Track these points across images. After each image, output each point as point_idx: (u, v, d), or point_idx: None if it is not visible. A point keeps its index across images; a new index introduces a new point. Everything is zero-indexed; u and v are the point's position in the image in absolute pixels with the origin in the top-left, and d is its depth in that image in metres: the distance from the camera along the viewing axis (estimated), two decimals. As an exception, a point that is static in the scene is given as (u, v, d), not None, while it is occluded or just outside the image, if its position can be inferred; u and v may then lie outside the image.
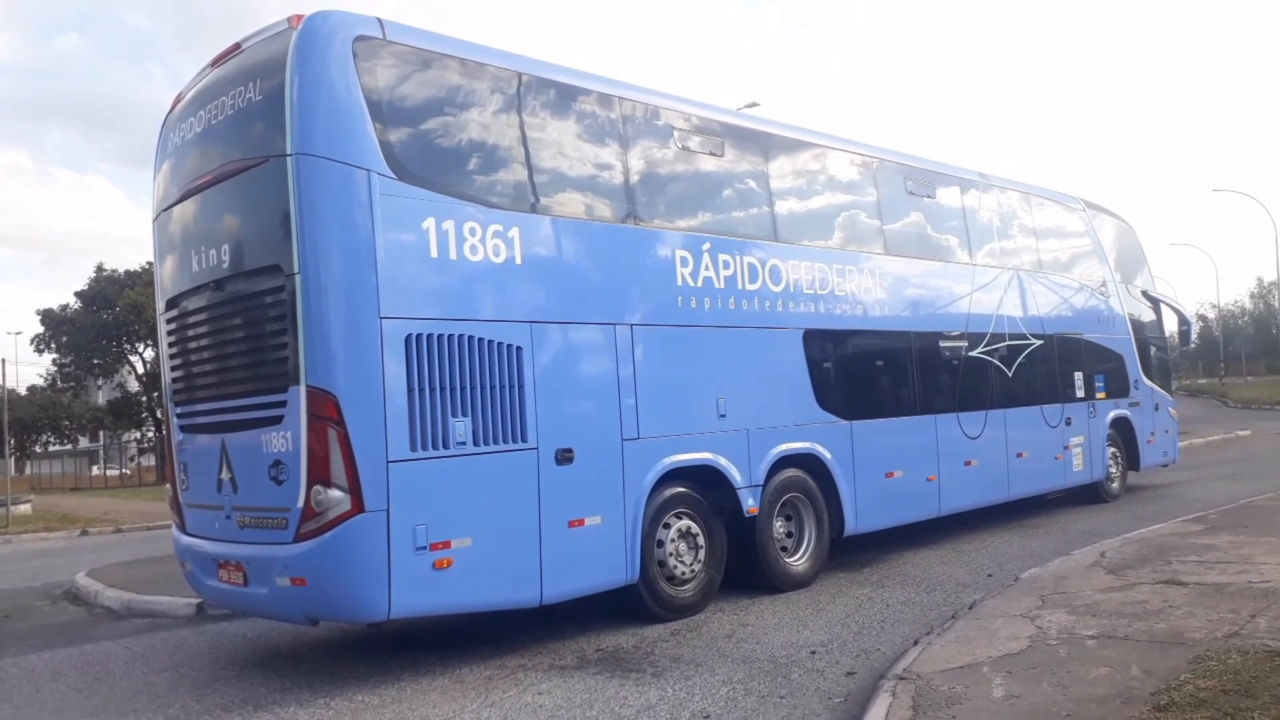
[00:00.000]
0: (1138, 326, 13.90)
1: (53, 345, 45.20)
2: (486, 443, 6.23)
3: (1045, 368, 11.78)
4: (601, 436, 6.90)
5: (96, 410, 51.28)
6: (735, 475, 7.73)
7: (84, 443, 59.92)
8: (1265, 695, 4.29)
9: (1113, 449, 13.11)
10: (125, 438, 54.80)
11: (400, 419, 5.82)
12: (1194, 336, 19.50)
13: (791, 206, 9.01)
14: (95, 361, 45.29)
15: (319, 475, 5.67)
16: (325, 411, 5.66)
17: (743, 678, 5.71)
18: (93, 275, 44.85)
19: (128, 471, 52.93)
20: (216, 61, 6.76)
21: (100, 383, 51.74)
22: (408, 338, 5.92)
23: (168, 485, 7.33)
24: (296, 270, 5.77)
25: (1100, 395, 12.73)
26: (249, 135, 6.26)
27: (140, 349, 44.40)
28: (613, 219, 7.39)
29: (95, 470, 56.65)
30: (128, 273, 44.32)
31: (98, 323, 43.51)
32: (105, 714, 5.79)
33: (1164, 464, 14.61)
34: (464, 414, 6.14)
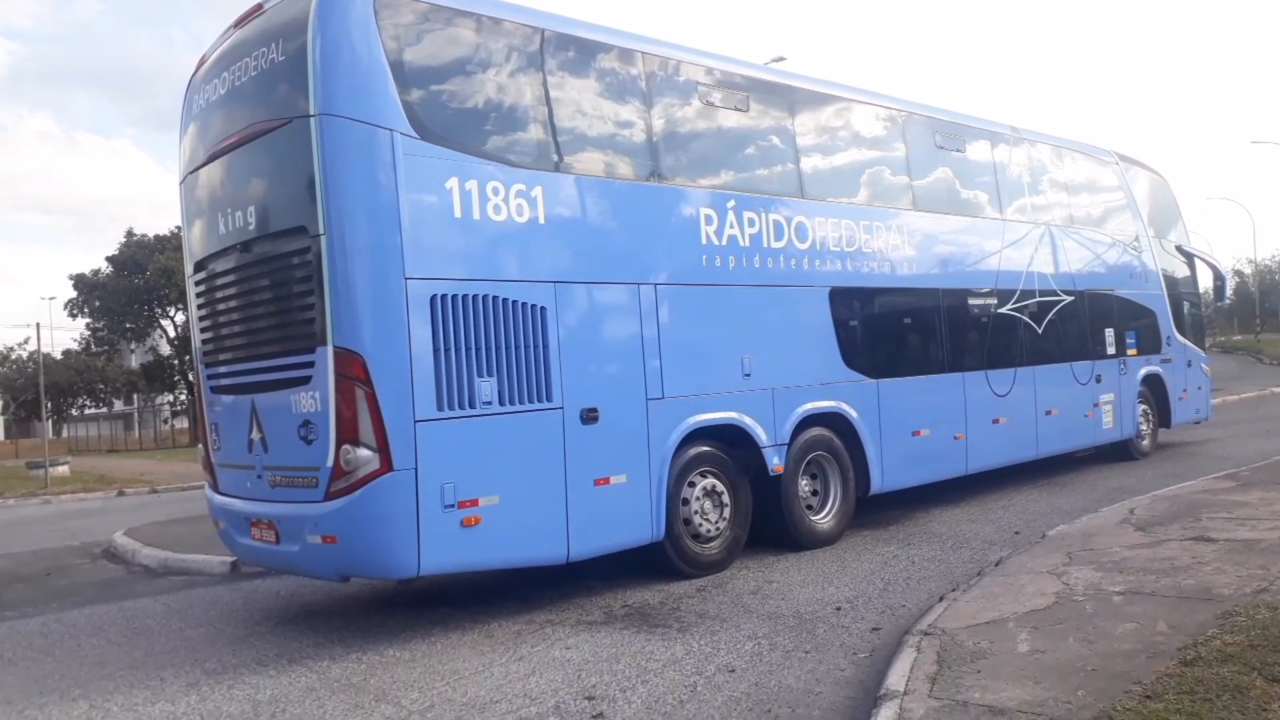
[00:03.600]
0: (1171, 282, 13.68)
1: (85, 310, 45.87)
2: (512, 402, 6.26)
3: (1076, 324, 11.65)
4: (626, 396, 6.91)
5: (130, 374, 52.06)
6: (760, 434, 7.74)
7: (119, 406, 60.93)
8: (1294, 650, 4.27)
9: (1144, 406, 12.97)
10: (158, 400, 55.64)
11: (427, 379, 5.86)
12: (1229, 292, 19.18)
13: (817, 162, 8.90)
14: (127, 325, 45.95)
15: (347, 435, 5.74)
16: (352, 372, 5.71)
17: (768, 633, 5.75)
18: (123, 240, 45.39)
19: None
20: (239, 22, 6.75)
21: (133, 346, 52.49)
22: (433, 298, 5.94)
23: (200, 446, 7.44)
24: (322, 231, 5.79)
25: (1131, 352, 12.58)
26: (272, 96, 6.26)
27: (171, 313, 44.97)
28: (636, 177, 7.34)
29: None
30: (158, 237, 44.80)
31: (129, 287, 44.06)
32: (145, 667, 5.94)
33: (1196, 421, 14.45)
34: (489, 374, 6.17)
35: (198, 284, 7.08)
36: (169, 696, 5.33)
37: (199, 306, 7.13)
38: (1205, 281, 15.99)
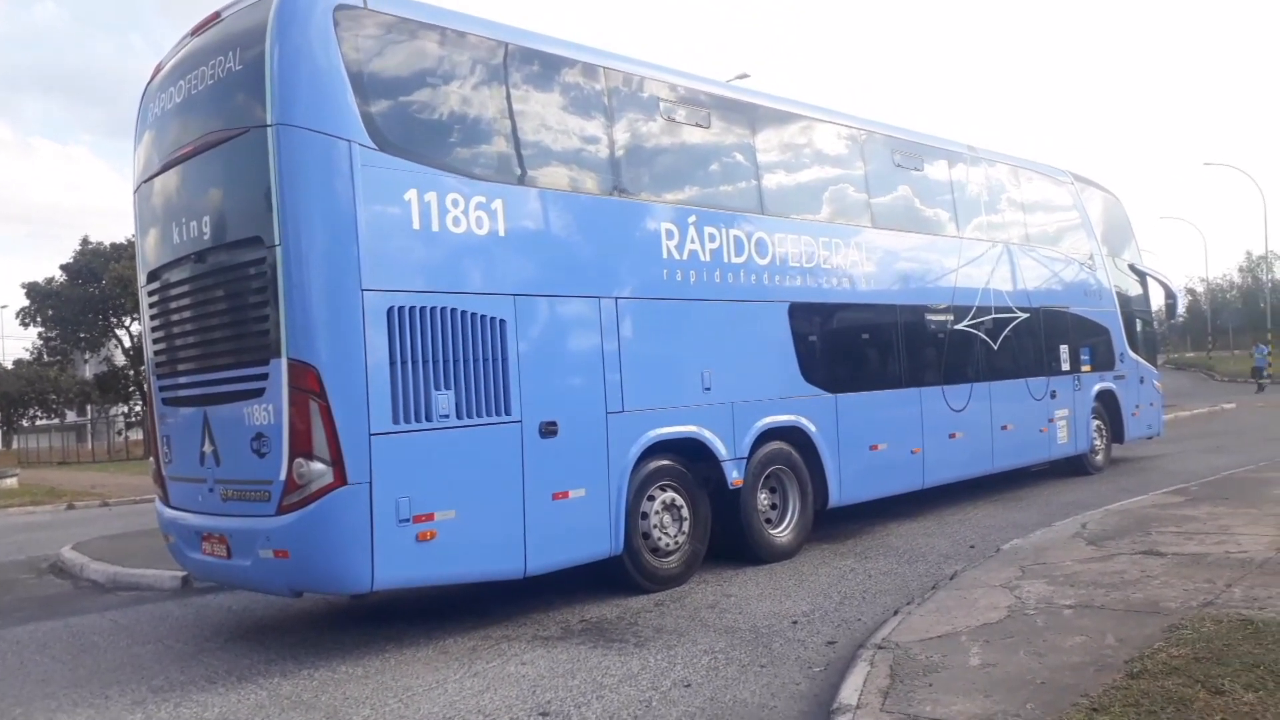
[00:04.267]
0: (1124, 300, 13.95)
1: (39, 319, 44.86)
2: (470, 415, 6.22)
3: (1031, 341, 11.83)
4: (585, 409, 6.90)
5: (83, 384, 50.97)
6: (720, 448, 7.75)
7: (71, 417, 59.65)
8: (1237, 662, 4.35)
9: (1097, 422, 13.20)
10: (112, 412, 54.55)
11: (382, 391, 5.81)
12: (1181, 310, 19.58)
13: (778, 179, 8.97)
14: (82, 335, 44.98)
15: (301, 448, 5.66)
16: (306, 384, 5.65)
17: (724, 647, 5.76)
18: (78, 248, 44.46)
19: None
20: (196, 30, 6.67)
21: (87, 357, 51.34)
22: (390, 310, 5.90)
23: (151, 459, 7.31)
24: (277, 242, 5.73)
25: (1086, 368, 12.80)
26: (229, 105, 6.19)
27: (127, 323, 44.09)
28: (598, 191, 7.35)
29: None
30: (114, 246, 43.92)
31: (84, 296, 43.17)
32: (90, 685, 5.81)
33: (1148, 437, 14.72)
34: (447, 387, 6.13)
35: (151, 294, 6.97)
36: (114, 715, 5.21)
37: (152, 317, 7.01)
38: (1158, 299, 16.33)
